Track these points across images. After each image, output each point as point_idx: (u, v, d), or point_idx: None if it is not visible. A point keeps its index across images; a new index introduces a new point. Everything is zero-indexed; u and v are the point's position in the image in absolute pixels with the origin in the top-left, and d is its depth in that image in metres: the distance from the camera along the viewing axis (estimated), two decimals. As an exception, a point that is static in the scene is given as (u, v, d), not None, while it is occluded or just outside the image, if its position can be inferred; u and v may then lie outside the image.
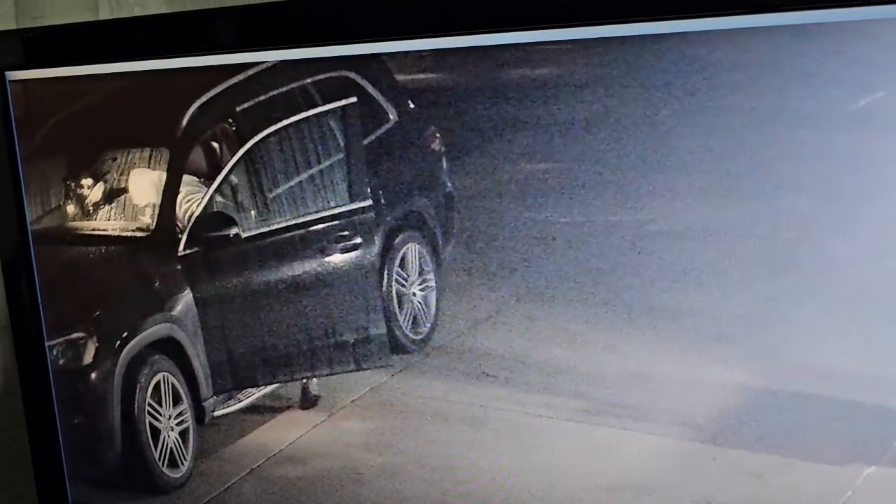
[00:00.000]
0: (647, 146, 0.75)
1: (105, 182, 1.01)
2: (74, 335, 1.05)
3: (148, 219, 0.99)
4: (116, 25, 0.97)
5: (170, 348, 1.00)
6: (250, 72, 0.90)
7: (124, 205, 1.00)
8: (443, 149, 0.83)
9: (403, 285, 0.89)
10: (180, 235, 0.97)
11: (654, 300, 0.77)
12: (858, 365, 0.71)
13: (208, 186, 0.95)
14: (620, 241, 0.77)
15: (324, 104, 0.88)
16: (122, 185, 1.00)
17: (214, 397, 0.99)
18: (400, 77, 0.84)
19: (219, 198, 0.95)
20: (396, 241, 0.88)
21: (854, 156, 0.69)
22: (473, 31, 0.79)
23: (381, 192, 0.87)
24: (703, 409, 0.77)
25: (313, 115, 0.89)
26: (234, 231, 0.94)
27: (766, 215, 0.72)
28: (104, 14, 1.21)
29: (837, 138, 0.69)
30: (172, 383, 1.01)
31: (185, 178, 0.96)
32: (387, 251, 0.89)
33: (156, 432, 1.02)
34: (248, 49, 0.89)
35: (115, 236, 1.01)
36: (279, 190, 0.92)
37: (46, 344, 1.08)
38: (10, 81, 1.03)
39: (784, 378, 0.73)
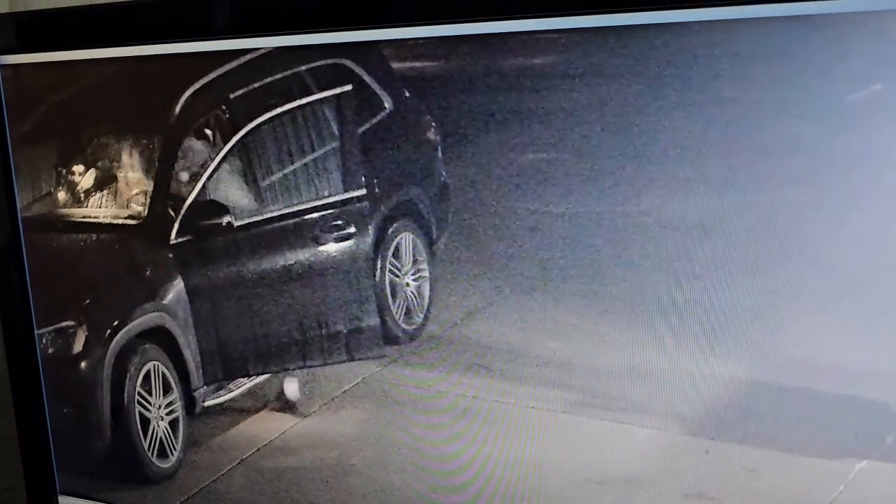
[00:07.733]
0: (643, 138, 0.74)
1: (96, 169, 1.00)
2: (64, 323, 1.05)
3: (139, 206, 0.98)
4: (110, 10, 0.97)
5: (160, 337, 0.99)
6: (245, 58, 0.89)
7: (116, 192, 1.00)
8: (438, 138, 0.83)
9: (397, 275, 0.89)
10: (172, 224, 0.96)
11: (649, 293, 0.76)
12: (852, 359, 0.71)
13: (201, 174, 0.94)
14: (615, 233, 0.77)
15: (319, 92, 0.87)
16: (114, 173, 0.99)
17: (205, 387, 0.99)
18: (396, 65, 0.83)
19: (211, 186, 0.94)
20: (390, 230, 0.88)
21: (853, 149, 0.69)
22: (471, 19, 0.78)
23: (375, 181, 0.87)
24: (695, 402, 0.76)
25: (308, 103, 0.88)
26: (226, 220, 0.94)
27: (763, 208, 0.71)
28: (97, -2, 1.20)
29: (836, 131, 0.68)
30: (163, 373, 1.00)
31: (178, 165, 0.95)
32: (380, 241, 0.88)
33: (145, 422, 1.02)
34: (242, 35, 0.88)
35: (106, 224, 1.01)
36: (272, 178, 0.91)
37: (36, 332, 1.07)
38: (1, 66, 1.02)
39: (777, 372, 0.73)
